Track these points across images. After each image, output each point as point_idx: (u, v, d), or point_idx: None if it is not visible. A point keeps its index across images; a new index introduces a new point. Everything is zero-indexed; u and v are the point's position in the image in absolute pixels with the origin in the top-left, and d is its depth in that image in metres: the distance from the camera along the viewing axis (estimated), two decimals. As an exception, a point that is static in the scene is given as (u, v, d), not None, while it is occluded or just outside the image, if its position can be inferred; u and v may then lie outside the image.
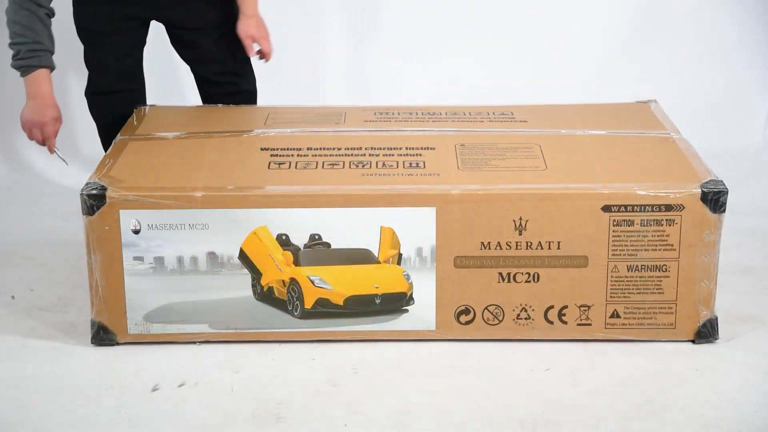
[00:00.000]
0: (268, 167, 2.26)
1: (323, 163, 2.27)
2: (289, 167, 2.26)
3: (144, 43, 2.67)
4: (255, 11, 2.59)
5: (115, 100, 2.62)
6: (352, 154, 2.30)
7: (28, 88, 2.44)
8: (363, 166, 2.26)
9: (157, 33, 2.70)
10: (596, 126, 2.42)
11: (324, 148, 2.33)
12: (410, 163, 2.26)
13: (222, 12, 2.59)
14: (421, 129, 2.42)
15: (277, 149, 2.33)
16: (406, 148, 2.32)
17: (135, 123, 2.50)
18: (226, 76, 2.71)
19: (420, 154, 2.30)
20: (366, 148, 2.32)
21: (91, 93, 2.68)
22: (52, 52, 2.45)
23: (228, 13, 2.59)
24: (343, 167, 2.26)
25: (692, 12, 3.56)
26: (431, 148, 2.32)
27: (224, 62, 2.67)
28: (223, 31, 2.60)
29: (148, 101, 2.69)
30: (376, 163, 2.27)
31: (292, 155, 2.30)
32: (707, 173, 2.21)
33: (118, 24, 2.57)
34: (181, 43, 2.67)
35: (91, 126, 2.73)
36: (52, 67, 2.46)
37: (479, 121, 2.47)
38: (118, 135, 2.43)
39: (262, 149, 2.33)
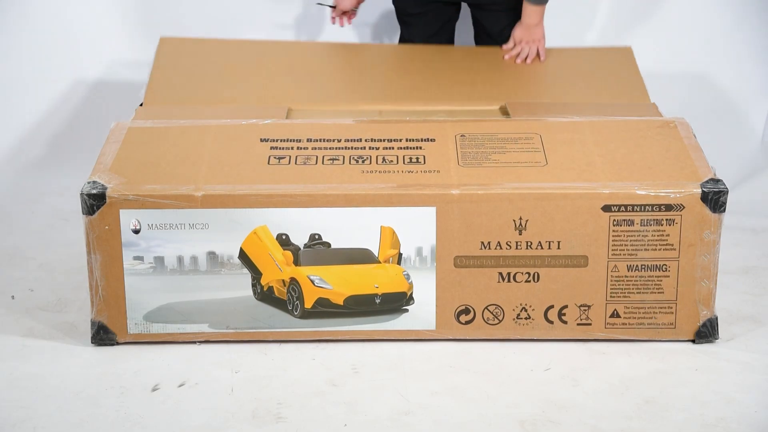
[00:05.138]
0: (268, 162, 2.25)
1: (323, 157, 2.27)
2: (289, 162, 2.25)
3: (456, 19, 2.99)
4: (531, 21, 2.84)
5: None
6: (351, 147, 2.29)
7: None
8: (363, 161, 2.25)
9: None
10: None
11: (324, 140, 2.32)
12: (410, 158, 2.26)
13: None
14: (421, 115, 2.42)
15: (277, 140, 2.32)
16: (406, 140, 2.31)
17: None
18: None
19: (420, 147, 2.29)
20: (366, 140, 2.31)
21: None
22: None
23: None
24: (343, 162, 2.25)
25: (692, 12, 3.56)
26: (431, 140, 2.31)
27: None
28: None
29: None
30: (376, 157, 2.26)
31: (292, 148, 2.30)
32: (708, 171, 2.20)
33: (429, 5, 2.94)
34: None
35: (90, 124, 2.73)
36: None
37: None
38: (114, 122, 2.41)
39: (261, 140, 2.32)
